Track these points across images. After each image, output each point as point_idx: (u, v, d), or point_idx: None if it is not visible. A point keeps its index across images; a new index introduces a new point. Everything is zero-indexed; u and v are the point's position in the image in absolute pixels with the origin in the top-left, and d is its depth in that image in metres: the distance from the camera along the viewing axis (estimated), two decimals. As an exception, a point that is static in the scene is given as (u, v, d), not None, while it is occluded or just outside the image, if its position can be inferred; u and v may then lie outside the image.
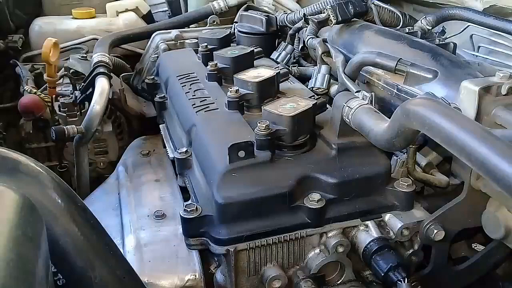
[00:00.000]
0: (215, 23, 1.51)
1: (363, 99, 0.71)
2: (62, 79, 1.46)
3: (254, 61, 0.97)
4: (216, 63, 0.96)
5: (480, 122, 0.67)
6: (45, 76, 1.37)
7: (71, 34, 1.78)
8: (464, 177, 0.68)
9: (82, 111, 1.37)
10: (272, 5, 1.48)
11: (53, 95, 1.40)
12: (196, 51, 1.14)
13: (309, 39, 1.10)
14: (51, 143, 1.44)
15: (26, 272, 0.41)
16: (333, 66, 0.98)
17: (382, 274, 0.67)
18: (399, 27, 1.15)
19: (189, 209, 0.67)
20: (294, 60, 1.20)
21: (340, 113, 0.71)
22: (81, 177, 1.27)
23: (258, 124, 0.70)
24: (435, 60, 0.83)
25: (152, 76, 1.26)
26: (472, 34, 1.09)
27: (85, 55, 1.56)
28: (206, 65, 1.00)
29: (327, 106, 0.80)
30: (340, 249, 0.70)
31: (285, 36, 1.27)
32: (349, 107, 0.69)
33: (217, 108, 0.86)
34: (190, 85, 0.97)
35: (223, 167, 0.69)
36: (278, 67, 0.96)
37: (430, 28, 1.06)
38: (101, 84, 1.28)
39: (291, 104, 0.74)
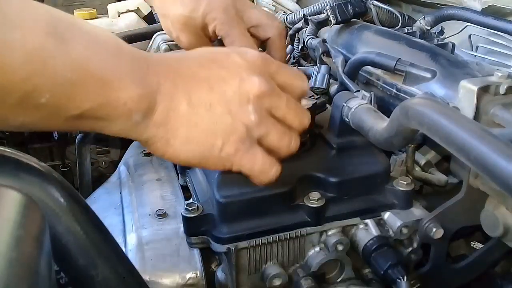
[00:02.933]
0: (215, 23, 1.51)
1: (362, 98, 0.71)
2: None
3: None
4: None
5: (478, 121, 0.68)
6: None
7: (72, 34, 1.78)
8: (463, 176, 0.68)
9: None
10: (272, 5, 1.48)
11: None
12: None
13: (308, 39, 1.10)
14: (54, 143, 1.44)
15: (29, 271, 0.41)
16: (332, 66, 0.98)
17: (382, 272, 0.67)
18: (398, 27, 1.15)
19: (190, 208, 0.68)
20: (294, 60, 1.21)
21: (340, 112, 0.71)
22: (83, 176, 1.28)
23: None
24: (434, 60, 0.84)
25: (153, 76, 1.26)
26: (471, 34, 1.09)
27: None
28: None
29: (327, 105, 0.80)
30: (340, 248, 0.70)
31: (285, 36, 1.27)
32: (348, 106, 0.70)
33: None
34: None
35: (223, 167, 0.70)
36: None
37: (429, 28, 1.07)
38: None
39: (291, 104, 0.74)
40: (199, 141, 0.57)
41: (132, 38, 1.55)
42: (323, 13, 1.11)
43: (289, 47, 1.22)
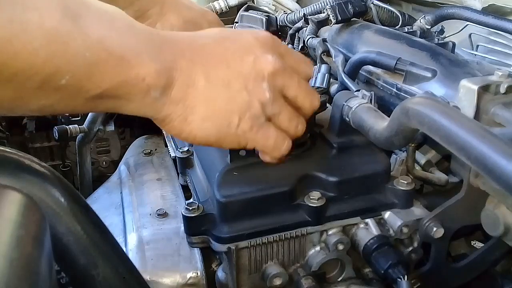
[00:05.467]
0: (215, 23, 1.51)
1: (363, 98, 0.71)
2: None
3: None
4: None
5: (479, 121, 0.68)
6: None
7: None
8: (463, 175, 0.68)
9: (84, 110, 1.37)
10: (272, 5, 1.48)
11: None
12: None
13: (309, 38, 1.10)
14: (54, 143, 1.44)
15: (30, 271, 0.41)
16: (333, 65, 0.98)
17: (382, 271, 0.67)
18: (398, 26, 1.15)
19: (190, 208, 0.68)
20: (295, 60, 1.20)
21: (340, 112, 0.71)
22: (84, 176, 1.28)
23: None
24: (434, 59, 0.84)
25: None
26: (471, 33, 1.09)
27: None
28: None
29: (327, 105, 0.80)
30: (340, 247, 0.70)
31: (285, 36, 1.27)
32: (348, 106, 0.69)
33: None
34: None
35: (224, 166, 0.70)
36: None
37: (429, 27, 1.06)
38: (103, 84, 1.28)
39: (291, 103, 0.74)
40: (217, 118, 0.57)
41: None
42: (323, 12, 1.11)
43: (290, 46, 1.22)
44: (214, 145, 0.60)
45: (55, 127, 1.22)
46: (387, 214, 0.72)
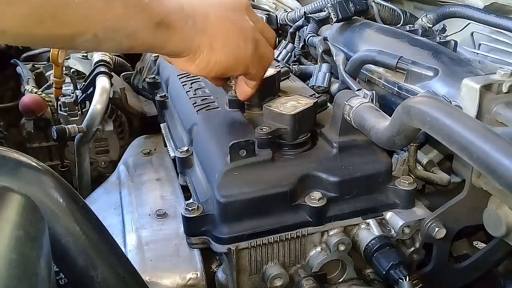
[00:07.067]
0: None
1: (364, 97, 0.71)
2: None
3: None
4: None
5: (481, 120, 0.67)
6: (51, 77, 1.38)
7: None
8: (465, 175, 0.68)
9: (83, 110, 1.37)
10: (273, 3, 1.47)
11: (59, 95, 1.41)
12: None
13: (309, 37, 1.10)
14: (53, 143, 1.44)
15: (29, 271, 0.41)
16: (334, 64, 0.98)
17: (384, 272, 0.67)
18: (399, 25, 1.15)
19: (190, 208, 0.67)
20: (295, 59, 1.20)
21: (341, 111, 0.71)
22: (83, 176, 1.27)
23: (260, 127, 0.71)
24: (436, 58, 0.83)
25: (153, 75, 1.25)
26: (473, 32, 1.09)
27: (86, 54, 1.57)
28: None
29: (328, 104, 0.80)
30: (342, 248, 0.70)
31: (286, 34, 1.26)
32: (350, 105, 0.69)
33: (218, 107, 0.86)
34: (191, 84, 0.98)
35: (224, 166, 0.69)
36: (279, 65, 0.96)
37: (431, 26, 1.06)
38: (102, 83, 1.28)
39: (292, 103, 0.74)
40: (232, 43, 0.68)
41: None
42: (324, 10, 1.11)
43: (290, 45, 1.21)
44: (231, 71, 0.71)
45: (54, 127, 1.21)
46: (388, 215, 0.71)
